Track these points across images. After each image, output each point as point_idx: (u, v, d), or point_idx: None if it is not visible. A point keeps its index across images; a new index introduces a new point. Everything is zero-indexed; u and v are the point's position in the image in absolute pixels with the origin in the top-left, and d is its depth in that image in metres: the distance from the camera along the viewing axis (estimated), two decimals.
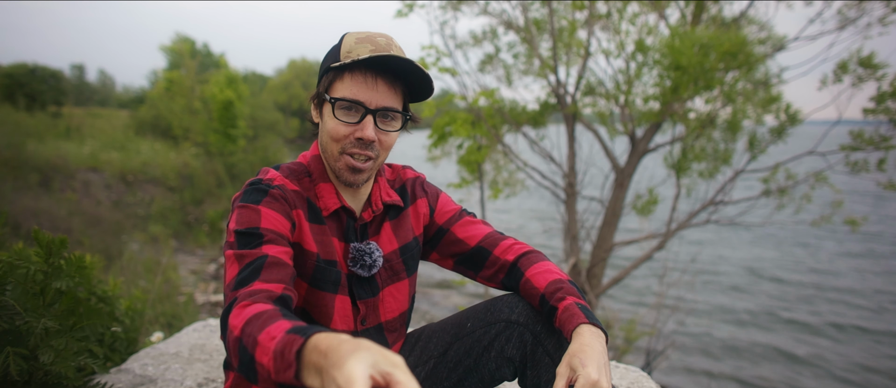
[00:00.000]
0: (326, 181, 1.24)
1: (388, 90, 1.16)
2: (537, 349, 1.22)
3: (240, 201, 1.13)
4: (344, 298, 1.24)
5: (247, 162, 18.21)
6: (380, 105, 1.15)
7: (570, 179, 7.67)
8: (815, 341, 9.21)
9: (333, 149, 1.18)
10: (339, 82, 1.15)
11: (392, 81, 1.16)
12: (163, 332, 2.94)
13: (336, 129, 1.16)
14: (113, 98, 37.85)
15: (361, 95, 1.14)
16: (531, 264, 1.27)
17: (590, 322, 1.11)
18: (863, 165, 6.58)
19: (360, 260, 1.24)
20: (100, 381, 1.62)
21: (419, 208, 1.38)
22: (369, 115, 1.15)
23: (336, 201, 1.23)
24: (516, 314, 1.26)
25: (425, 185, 1.42)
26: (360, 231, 1.27)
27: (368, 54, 1.13)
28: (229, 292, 1.02)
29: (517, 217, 17.67)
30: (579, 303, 1.16)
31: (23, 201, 11.05)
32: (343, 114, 1.15)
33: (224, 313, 0.99)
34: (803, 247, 15.09)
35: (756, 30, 7.30)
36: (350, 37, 1.18)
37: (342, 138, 1.16)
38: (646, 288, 11.30)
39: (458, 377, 1.31)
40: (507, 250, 1.32)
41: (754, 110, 6.93)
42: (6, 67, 20.55)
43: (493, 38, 8.22)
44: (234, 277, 1.03)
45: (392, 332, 1.34)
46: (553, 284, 1.21)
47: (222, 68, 20.30)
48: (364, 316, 1.27)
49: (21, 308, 1.35)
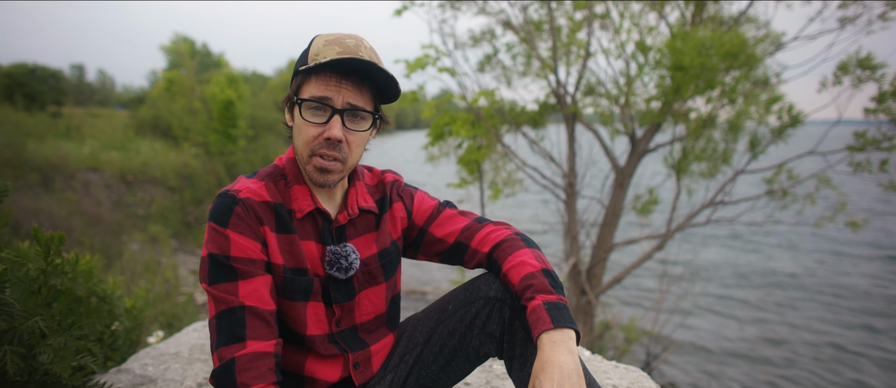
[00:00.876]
0: (301, 183, 1.24)
1: (354, 91, 1.16)
2: (514, 322, 1.24)
3: (209, 218, 1.15)
4: (316, 304, 1.24)
5: (247, 162, 18.21)
6: (346, 104, 1.15)
7: (570, 179, 7.67)
8: (815, 340, 9.21)
9: (304, 151, 1.18)
10: (307, 85, 1.16)
11: (358, 82, 1.16)
12: (163, 332, 2.93)
13: (305, 130, 1.16)
14: (113, 98, 37.86)
15: (327, 94, 1.14)
16: (506, 257, 1.26)
17: (554, 326, 1.08)
18: (865, 165, 6.58)
19: (335, 263, 1.24)
20: (99, 381, 1.61)
21: (396, 212, 1.38)
22: (336, 114, 1.15)
23: (310, 203, 1.23)
24: (494, 290, 1.27)
25: (401, 189, 1.41)
26: (336, 234, 1.27)
27: (335, 56, 1.13)
28: (220, 346, 1.07)
29: (517, 217, 17.67)
30: (547, 301, 1.13)
31: (23, 201, 11.06)
32: (310, 114, 1.15)
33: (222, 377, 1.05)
34: (803, 247, 15.09)
35: (754, 29, 7.29)
36: (319, 39, 1.19)
37: (311, 140, 1.16)
38: (646, 287, 11.29)
39: (444, 359, 1.32)
40: (483, 241, 1.32)
41: (757, 111, 6.92)
42: (6, 67, 20.55)
43: (491, 38, 8.21)
44: (216, 327, 1.09)
45: (369, 333, 1.34)
46: (524, 280, 1.19)
47: (223, 68, 20.30)
48: (339, 318, 1.28)
49: (20, 307, 1.34)
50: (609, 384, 1.86)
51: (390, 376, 1.33)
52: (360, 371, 1.30)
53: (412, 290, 11.38)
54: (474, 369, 1.38)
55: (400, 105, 6.93)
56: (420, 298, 11.03)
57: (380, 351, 1.35)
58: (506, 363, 1.27)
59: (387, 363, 1.36)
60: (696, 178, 7.50)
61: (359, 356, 1.30)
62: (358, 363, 1.30)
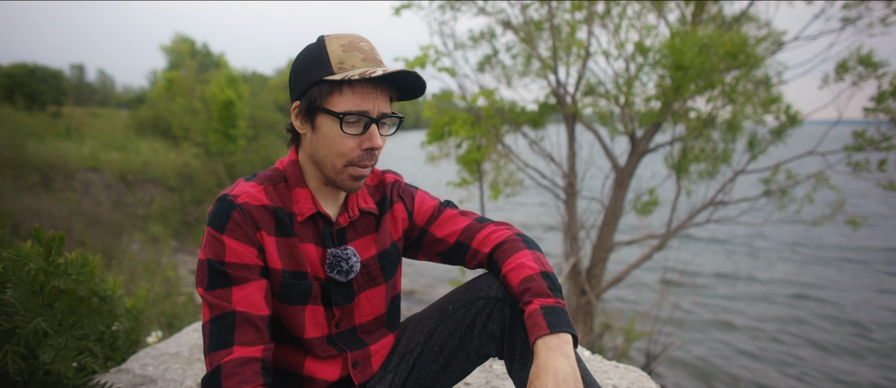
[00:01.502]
0: (303, 186, 1.24)
1: (384, 96, 1.18)
2: (514, 322, 1.24)
3: (208, 223, 1.16)
4: (315, 307, 1.25)
5: (247, 162, 18.20)
6: (380, 112, 1.17)
7: (570, 179, 7.67)
8: (815, 341, 9.21)
9: (338, 162, 1.18)
10: (339, 96, 1.14)
11: (388, 89, 1.19)
12: (162, 332, 2.94)
13: (340, 141, 1.16)
14: (113, 98, 37.84)
15: (365, 106, 1.15)
16: (506, 259, 1.25)
17: (551, 331, 1.08)
18: (864, 165, 6.58)
19: (336, 266, 1.24)
20: (99, 381, 1.62)
21: (396, 213, 1.38)
22: (373, 123, 1.16)
23: (311, 206, 1.23)
24: (495, 290, 1.27)
25: (402, 189, 1.41)
26: (337, 236, 1.28)
27: (361, 64, 1.14)
28: (210, 352, 1.10)
29: (517, 217, 17.67)
30: (544, 305, 1.13)
31: (23, 201, 11.06)
32: (349, 127, 1.16)
33: (210, 383, 1.08)
34: (805, 246, 15.09)
35: (755, 29, 7.29)
36: (333, 43, 1.17)
37: (349, 151, 1.17)
38: (646, 287, 11.30)
39: (444, 359, 1.32)
40: (484, 242, 1.32)
41: (754, 111, 6.92)
42: (6, 67, 20.52)
43: (491, 38, 8.20)
44: (208, 332, 1.12)
45: (368, 333, 1.35)
46: (523, 283, 1.19)
47: (222, 68, 20.30)
48: (339, 320, 1.28)
49: (21, 307, 1.35)
50: (609, 384, 1.86)
51: (391, 375, 1.34)
52: (360, 370, 1.31)
53: (412, 290, 11.39)
54: (474, 369, 1.38)
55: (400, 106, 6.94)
56: (420, 298, 11.04)
57: (379, 351, 1.35)
58: (506, 363, 1.28)
59: (387, 362, 1.36)
60: (695, 178, 7.50)
61: (358, 355, 1.30)
62: (357, 362, 1.30)
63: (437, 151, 7.92)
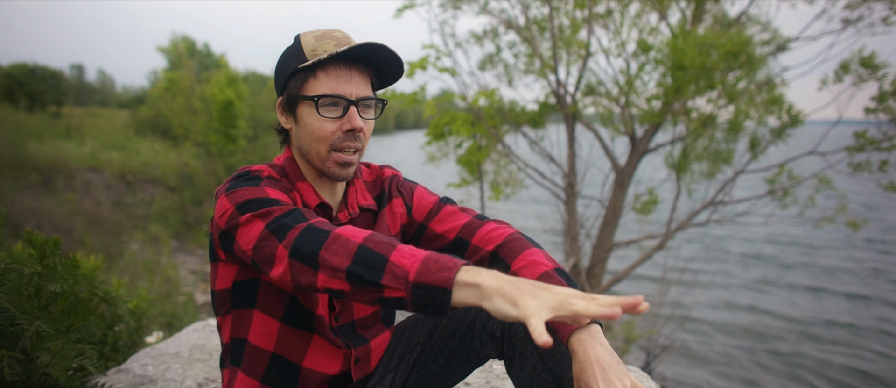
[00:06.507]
0: (303, 180, 1.24)
1: (362, 79, 1.18)
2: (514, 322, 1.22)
3: (230, 187, 1.12)
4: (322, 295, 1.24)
5: (247, 162, 18.19)
6: (359, 95, 1.16)
7: (570, 179, 7.66)
8: (815, 339, 9.20)
9: (321, 148, 1.18)
10: (314, 81, 1.15)
11: (364, 69, 1.18)
12: (162, 332, 2.93)
13: (322, 126, 1.16)
14: (113, 98, 37.82)
15: (341, 89, 1.14)
16: (515, 255, 1.23)
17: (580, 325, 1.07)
18: (865, 165, 6.57)
19: None
20: (97, 382, 1.61)
21: (395, 207, 1.37)
22: (352, 105, 1.16)
23: (315, 197, 1.23)
24: None
25: (401, 184, 1.41)
26: None
27: (335, 49, 1.14)
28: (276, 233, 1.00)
29: (516, 217, 17.67)
30: None
31: (23, 201, 11.06)
32: (326, 110, 1.15)
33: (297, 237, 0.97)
34: (803, 246, 15.08)
35: (758, 30, 7.29)
36: (307, 36, 1.19)
37: (329, 136, 1.16)
38: (646, 287, 11.29)
39: (444, 360, 1.32)
40: (486, 239, 1.30)
41: (756, 111, 6.91)
42: (6, 67, 20.54)
43: (494, 37, 8.21)
44: (268, 222, 1.02)
45: (366, 328, 1.34)
46: (540, 280, 1.16)
47: (222, 68, 20.29)
48: (338, 313, 1.28)
49: (16, 310, 1.34)
50: None
51: (391, 376, 1.33)
52: (360, 366, 1.31)
53: None
54: (474, 369, 1.37)
55: (401, 106, 6.93)
56: None
57: (378, 347, 1.35)
58: (506, 363, 1.27)
59: (387, 362, 1.36)
60: (698, 175, 7.49)
61: (360, 351, 1.30)
62: (359, 358, 1.30)
63: (437, 151, 7.92)
